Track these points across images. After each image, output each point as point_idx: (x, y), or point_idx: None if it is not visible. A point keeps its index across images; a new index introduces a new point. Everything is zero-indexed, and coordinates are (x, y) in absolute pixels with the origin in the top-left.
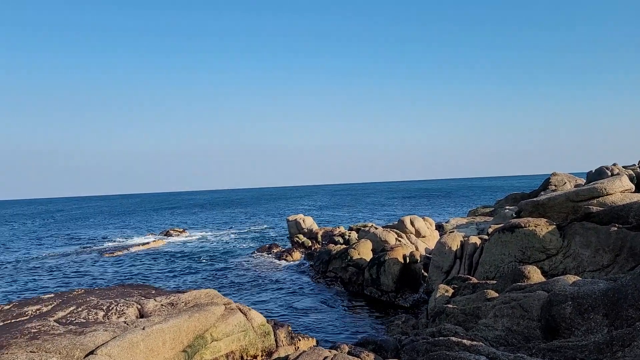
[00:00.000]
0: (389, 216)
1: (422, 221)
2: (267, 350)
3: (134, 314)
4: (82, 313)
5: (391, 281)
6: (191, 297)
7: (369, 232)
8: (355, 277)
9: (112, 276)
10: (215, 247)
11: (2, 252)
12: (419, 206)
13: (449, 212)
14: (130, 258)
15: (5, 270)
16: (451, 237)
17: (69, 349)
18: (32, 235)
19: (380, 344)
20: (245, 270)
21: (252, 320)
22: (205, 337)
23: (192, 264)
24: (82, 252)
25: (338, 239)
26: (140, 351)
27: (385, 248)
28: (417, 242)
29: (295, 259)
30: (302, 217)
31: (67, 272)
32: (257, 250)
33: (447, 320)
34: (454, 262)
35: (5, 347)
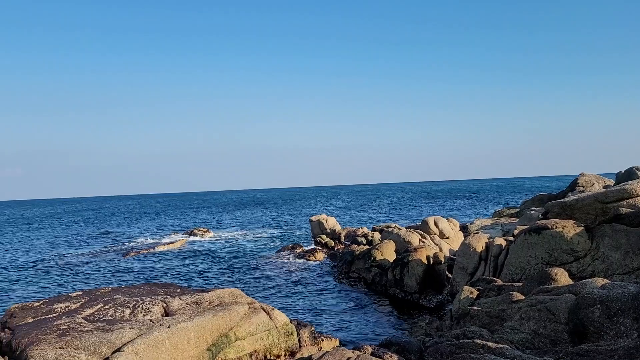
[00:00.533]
0: (413, 217)
1: (446, 222)
2: (290, 350)
3: (159, 312)
4: (109, 311)
5: (415, 282)
6: (215, 296)
7: (392, 233)
8: (379, 277)
9: (138, 275)
10: (238, 246)
11: (31, 251)
12: (442, 207)
13: (473, 213)
14: (156, 257)
15: (35, 268)
16: (476, 239)
17: (96, 346)
18: (59, 234)
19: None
20: (269, 270)
21: (275, 320)
22: (229, 336)
23: (216, 263)
24: (109, 251)
25: (361, 239)
26: (166, 349)
27: (408, 249)
28: (441, 243)
29: (318, 259)
30: (325, 217)
31: (94, 271)
32: (280, 250)
33: (471, 322)
34: (478, 264)
35: (35, 344)
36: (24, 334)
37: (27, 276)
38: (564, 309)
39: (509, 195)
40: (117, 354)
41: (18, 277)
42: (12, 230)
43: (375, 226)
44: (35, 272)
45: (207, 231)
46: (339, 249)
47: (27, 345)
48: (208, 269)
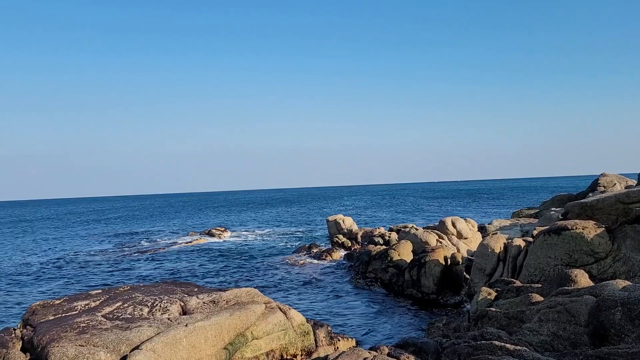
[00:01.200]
0: (430, 217)
1: (463, 222)
2: (306, 350)
3: (177, 310)
4: (128, 309)
5: (432, 283)
6: (232, 296)
7: (409, 233)
8: (396, 278)
9: (156, 273)
10: (255, 246)
11: (52, 249)
12: (460, 207)
13: (491, 214)
14: (174, 256)
15: (55, 266)
16: (494, 239)
17: (115, 344)
18: (80, 232)
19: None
20: (285, 269)
21: (292, 320)
22: (246, 335)
23: (232, 262)
24: (128, 249)
25: (378, 239)
26: (183, 347)
27: (426, 249)
28: (459, 243)
29: (334, 259)
30: (342, 217)
31: (113, 269)
32: (296, 249)
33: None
34: (496, 265)
35: (56, 341)
36: (45, 332)
37: (48, 274)
38: (584, 311)
39: (528, 196)
40: (135, 352)
41: (40, 275)
42: (32, 228)
43: (392, 226)
44: (56, 269)
45: (225, 231)
46: (355, 249)
47: (48, 342)
48: (225, 268)
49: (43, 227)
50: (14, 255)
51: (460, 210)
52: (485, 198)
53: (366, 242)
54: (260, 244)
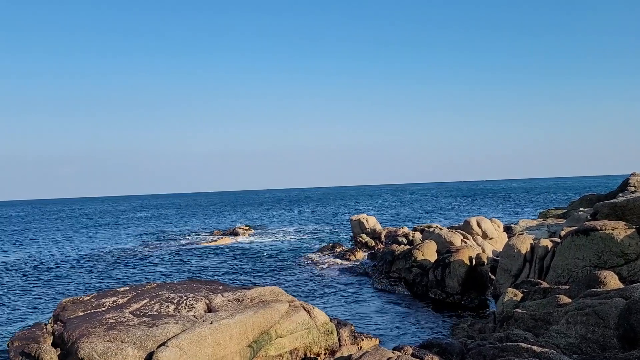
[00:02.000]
0: (454, 217)
1: (489, 222)
2: (330, 349)
3: (202, 308)
4: (155, 306)
5: (456, 283)
6: (256, 294)
7: (433, 233)
8: (420, 278)
9: (182, 271)
10: (279, 245)
11: (83, 246)
12: (485, 207)
13: (517, 214)
14: (199, 254)
15: (86, 263)
16: (520, 240)
17: (142, 340)
18: (108, 230)
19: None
20: (308, 268)
21: (315, 319)
22: (270, 334)
23: (256, 261)
24: (154, 248)
25: (402, 239)
26: (208, 344)
27: (450, 249)
28: (484, 244)
29: (358, 259)
30: (366, 217)
31: (140, 266)
32: (320, 249)
33: (515, 325)
34: (523, 266)
35: (85, 336)
36: (74, 327)
37: (77, 270)
38: (614, 314)
39: (555, 196)
40: (162, 348)
41: (69, 271)
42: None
43: (416, 226)
44: (85, 266)
45: (249, 229)
46: (379, 248)
47: (78, 337)
48: (249, 266)
49: (73, 225)
50: (45, 252)
51: (485, 210)
52: (511, 198)
53: (390, 241)
54: (284, 243)
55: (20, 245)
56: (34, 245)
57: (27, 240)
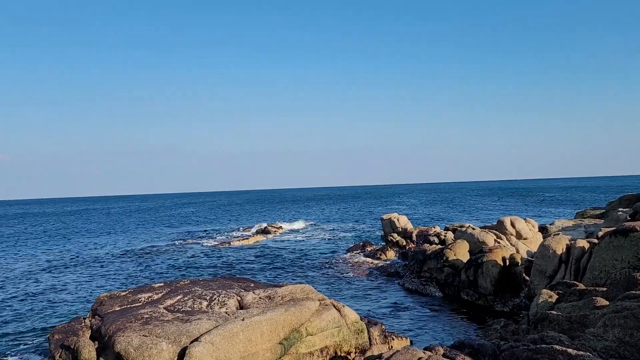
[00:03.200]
0: (487, 217)
1: (523, 222)
2: (360, 348)
3: (234, 305)
4: (188, 302)
5: (489, 284)
6: (287, 292)
7: (465, 233)
8: (451, 278)
9: (214, 268)
10: (310, 243)
11: (119, 243)
12: (519, 207)
13: (553, 214)
14: (230, 252)
15: (122, 259)
16: (556, 240)
17: (176, 335)
18: (143, 228)
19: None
20: (339, 267)
21: (345, 317)
22: (301, 331)
23: (287, 259)
24: (187, 245)
25: (433, 238)
26: (240, 341)
27: (483, 249)
28: (518, 244)
29: (389, 258)
30: (397, 216)
31: (173, 263)
32: (351, 248)
33: (550, 327)
34: (558, 267)
35: (122, 330)
36: (111, 321)
37: (114, 266)
38: None
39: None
40: (195, 344)
41: (106, 267)
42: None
43: (448, 225)
44: (121, 262)
45: (280, 228)
46: (410, 248)
47: (115, 331)
48: (279, 264)
49: (109, 223)
50: (84, 248)
51: (520, 210)
52: (547, 198)
53: (421, 241)
54: (315, 241)
55: (61, 241)
56: (73, 241)
57: (67, 236)
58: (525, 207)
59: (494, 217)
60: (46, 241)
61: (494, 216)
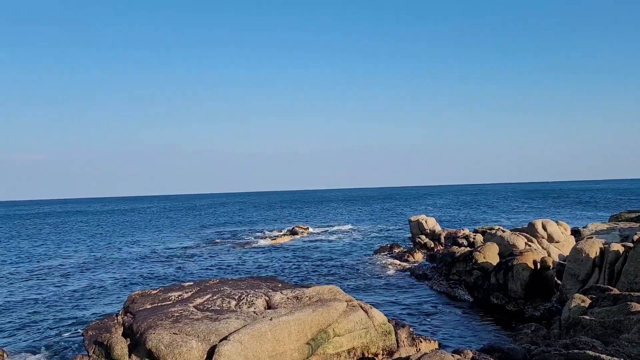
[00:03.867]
0: (518, 219)
1: (555, 225)
2: (388, 349)
3: (262, 304)
4: (217, 301)
5: (520, 288)
6: (315, 292)
7: (495, 235)
8: (481, 281)
9: (242, 268)
10: (337, 244)
11: (151, 242)
12: (550, 209)
13: (587, 217)
14: (258, 252)
15: (152, 257)
16: (589, 244)
17: (205, 334)
18: (172, 227)
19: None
20: (366, 269)
21: (373, 319)
22: (328, 332)
23: (314, 260)
24: (217, 245)
25: (462, 241)
26: (268, 340)
27: (513, 252)
28: (550, 247)
29: (416, 260)
30: (425, 217)
31: (202, 262)
32: (378, 249)
33: (582, 332)
34: (591, 271)
35: (153, 328)
36: (143, 319)
37: (145, 265)
38: None
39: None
40: (224, 342)
41: (137, 265)
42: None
43: (477, 228)
44: (152, 261)
45: (307, 229)
46: (438, 250)
47: (146, 329)
48: (307, 265)
49: (140, 222)
50: (116, 247)
51: (551, 213)
52: (580, 200)
53: (449, 243)
54: (342, 243)
55: (95, 240)
56: (107, 240)
57: (100, 235)
58: (557, 209)
59: (524, 220)
60: (82, 240)
61: (524, 219)
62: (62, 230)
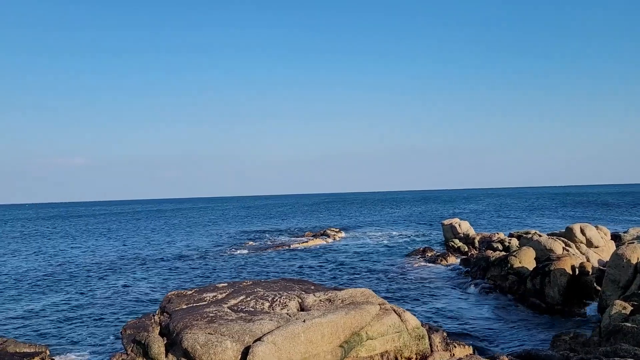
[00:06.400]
0: (555, 224)
1: (594, 230)
2: (421, 354)
3: (295, 306)
4: (251, 302)
5: (557, 293)
6: (347, 295)
7: (531, 240)
8: (516, 286)
9: (275, 270)
10: (369, 247)
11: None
12: (589, 213)
13: (628, 222)
14: (291, 255)
15: (188, 258)
16: (631, 249)
17: (239, 334)
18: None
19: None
20: (398, 272)
21: (406, 322)
22: (361, 335)
23: (346, 263)
24: (250, 246)
25: (497, 245)
26: (301, 342)
27: (550, 257)
28: (589, 252)
29: (450, 264)
30: (458, 221)
31: (236, 264)
32: (410, 252)
33: (624, 339)
34: (633, 277)
35: (189, 328)
36: (179, 319)
37: (180, 265)
38: None
39: None
40: (258, 343)
41: (174, 266)
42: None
43: (513, 232)
44: (188, 262)
45: (339, 232)
46: (472, 254)
47: (182, 329)
48: (339, 268)
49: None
50: (154, 247)
51: (589, 217)
52: (621, 205)
53: (484, 247)
54: (374, 246)
55: (135, 240)
56: (147, 240)
57: (140, 236)
58: (595, 213)
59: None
60: (123, 239)
61: (563, 223)
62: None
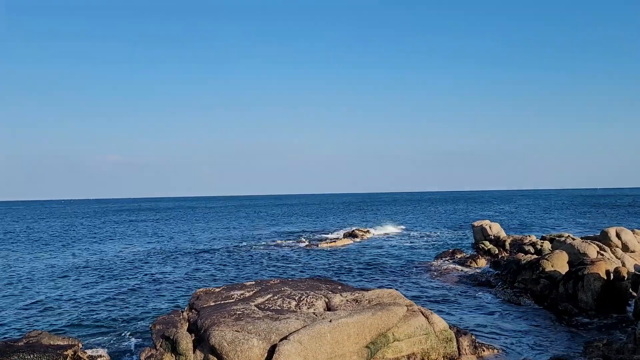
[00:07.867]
0: (590, 227)
1: (631, 234)
2: (449, 357)
3: (321, 306)
4: (278, 301)
5: (591, 298)
6: (374, 296)
7: (564, 243)
8: (548, 290)
9: (301, 270)
10: (397, 248)
11: (216, 241)
12: (625, 217)
13: None
14: (319, 254)
15: (216, 256)
16: None
17: (266, 332)
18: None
19: None
20: (426, 274)
21: (433, 325)
22: (388, 336)
23: (374, 263)
24: (277, 245)
25: (528, 248)
26: (327, 342)
27: (584, 261)
28: (624, 257)
29: (479, 266)
30: (489, 223)
31: (263, 262)
32: (439, 254)
33: None
34: None
35: (217, 325)
36: (207, 316)
37: (209, 263)
38: None
39: None
40: (284, 342)
41: (203, 263)
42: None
43: (545, 235)
44: (216, 259)
45: (367, 232)
46: (502, 256)
47: (210, 325)
48: (366, 268)
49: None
50: (184, 244)
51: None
52: None
53: (515, 250)
54: (402, 246)
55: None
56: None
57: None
58: (631, 217)
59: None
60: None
61: (598, 226)
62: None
